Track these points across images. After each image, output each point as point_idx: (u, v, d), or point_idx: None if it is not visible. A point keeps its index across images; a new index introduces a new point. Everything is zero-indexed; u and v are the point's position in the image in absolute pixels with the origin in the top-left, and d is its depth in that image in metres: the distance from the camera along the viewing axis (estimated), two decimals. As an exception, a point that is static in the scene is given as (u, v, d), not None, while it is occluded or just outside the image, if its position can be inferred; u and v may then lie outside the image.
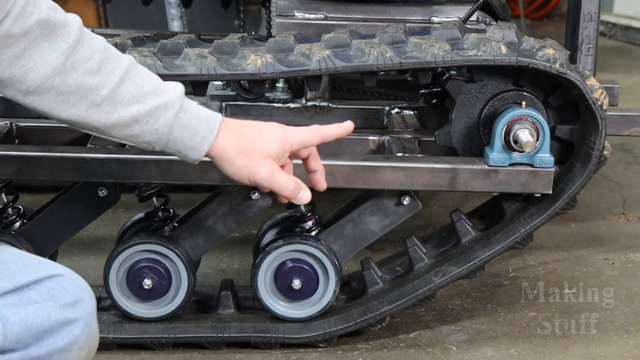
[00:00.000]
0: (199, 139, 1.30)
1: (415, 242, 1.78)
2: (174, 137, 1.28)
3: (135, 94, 1.26)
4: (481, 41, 1.60)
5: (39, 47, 1.18)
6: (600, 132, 1.64)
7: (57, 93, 1.21)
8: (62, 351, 1.08)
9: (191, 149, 1.30)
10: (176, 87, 1.30)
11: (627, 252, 2.23)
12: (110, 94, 1.23)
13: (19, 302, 1.07)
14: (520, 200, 1.78)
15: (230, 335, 1.72)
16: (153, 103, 1.27)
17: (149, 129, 1.28)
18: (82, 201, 1.73)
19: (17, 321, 1.06)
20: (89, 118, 1.23)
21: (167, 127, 1.28)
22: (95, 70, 1.23)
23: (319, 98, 1.95)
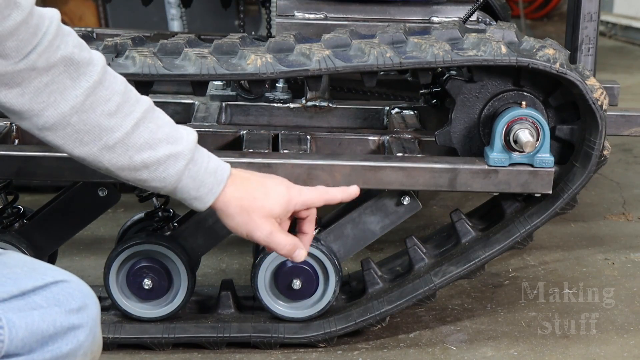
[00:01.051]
0: (205, 191, 1.31)
1: (415, 242, 1.78)
2: (181, 186, 1.29)
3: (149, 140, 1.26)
4: (481, 41, 1.60)
5: (61, 83, 1.19)
6: (600, 132, 1.64)
7: (72, 131, 1.22)
8: (66, 357, 1.09)
9: (196, 199, 1.31)
10: (189, 137, 1.31)
11: (627, 252, 2.23)
12: (124, 138, 1.24)
13: (24, 306, 1.08)
14: (520, 200, 1.78)
15: (230, 335, 1.72)
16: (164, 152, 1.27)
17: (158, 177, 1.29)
18: (82, 201, 1.73)
19: (23, 326, 1.06)
20: (100, 158, 1.25)
21: (176, 177, 1.29)
22: (113, 112, 1.24)
23: (319, 98, 1.95)
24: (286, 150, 1.71)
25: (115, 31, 2.21)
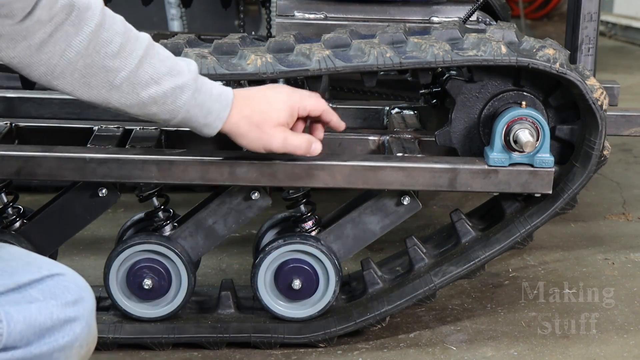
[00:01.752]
0: (212, 118, 1.38)
1: (415, 242, 1.78)
2: (189, 116, 1.36)
3: (153, 76, 1.31)
4: (481, 41, 1.60)
5: (64, 31, 1.22)
6: (600, 132, 1.64)
7: (80, 76, 1.25)
8: (62, 349, 1.09)
9: (205, 126, 1.38)
10: (190, 67, 1.37)
11: (627, 252, 2.23)
12: (129, 76, 1.28)
13: (21, 300, 1.09)
14: (520, 200, 1.78)
15: (230, 335, 1.72)
16: (170, 84, 1.33)
17: (167, 109, 1.35)
18: (82, 201, 1.73)
19: (21, 319, 1.07)
20: (109, 99, 1.29)
21: (184, 108, 1.35)
22: (116, 53, 1.28)
23: (319, 98, 1.94)
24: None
25: (115, 31, 2.20)
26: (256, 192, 1.68)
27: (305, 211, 1.75)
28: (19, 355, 1.07)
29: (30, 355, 1.07)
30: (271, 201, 1.70)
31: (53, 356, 1.09)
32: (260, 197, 1.69)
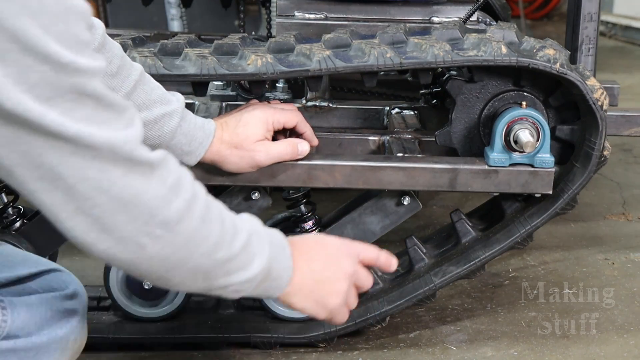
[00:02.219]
0: (196, 145, 1.44)
1: (415, 242, 1.78)
2: (174, 143, 1.40)
3: (145, 101, 1.36)
4: (481, 41, 1.60)
5: None
6: (600, 132, 1.64)
7: None
8: (60, 341, 1.12)
9: (188, 154, 1.44)
10: (179, 98, 1.42)
11: (627, 252, 2.23)
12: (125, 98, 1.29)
13: (22, 291, 1.12)
14: (521, 200, 1.78)
15: (230, 335, 1.72)
16: (159, 111, 1.38)
17: (154, 135, 1.39)
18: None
19: (23, 308, 1.10)
20: None
21: (170, 134, 1.40)
22: (114, 74, 1.31)
23: (319, 98, 1.94)
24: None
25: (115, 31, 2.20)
26: (256, 192, 1.68)
27: (305, 211, 1.74)
28: (21, 344, 1.10)
29: (30, 344, 1.10)
30: (271, 201, 1.70)
31: (51, 347, 1.12)
32: (261, 197, 1.69)
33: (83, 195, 0.94)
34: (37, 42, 0.86)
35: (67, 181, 0.93)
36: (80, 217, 0.96)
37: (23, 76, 0.87)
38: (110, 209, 0.96)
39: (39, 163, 0.91)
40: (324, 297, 1.25)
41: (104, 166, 0.94)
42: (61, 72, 0.88)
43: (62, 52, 0.88)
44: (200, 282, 1.09)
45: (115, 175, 0.95)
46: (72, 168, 0.92)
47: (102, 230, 0.98)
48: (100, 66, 0.93)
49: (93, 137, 0.92)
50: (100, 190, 0.95)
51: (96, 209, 0.96)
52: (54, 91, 0.88)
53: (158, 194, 1.00)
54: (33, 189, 0.93)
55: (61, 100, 0.89)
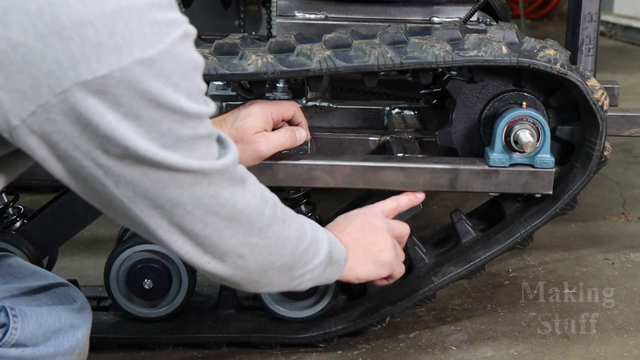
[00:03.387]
0: None
1: (415, 242, 1.77)
2: None
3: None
4: (482, 41, 1.60)
5: None
6: (600, 132, 1.64)
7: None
8: (65, 353, 1.14)
9: None
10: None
11: (627, 252, 2.23)
12: None
13: (32, 302, 1.15)
14: (521, 200, 1.78)
15: (230, 335, 1.72)
16: None
17: None
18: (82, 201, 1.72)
19: (33, 318, 1.13)
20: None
21: None
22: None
23: (320, 98, 1.94)
24: (286, 150, 1.71)
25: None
26: None
27: (305, 211, 1.74)
28: (28, 354, 1.12)
29: (37, 354, 1.13)
30: None
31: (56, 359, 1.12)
32: None
33: (197, 218, 1.07)
34: (169, 99, 0.98)
35: (185, 208, 1.06)
36: (190, 237, 1.09)
37: (154, 128, 0.99)
38: (218, 228, 1.10)
39: (161, 195, 1.04)
40: (379, 256, 1.43)
41: (216, 191, 1.07)
42: (186, 121, 1.01)
43: (189, 104, 1.00)
44: (283, 277, 1.23)
45: (224, 197, 1.09)
46: (190, 197, 1.05)
47: (209, 246, 1.11)
48: (212, 110, 1.05)
49: (212, 168, 1.06)
50: (212, 212, 1.08)
51: (207, 229, 1.09)
52: (178, 139, 1.01)
53: (255, 206, 1.13)
54: (150, 214, 1.05)
55: (184, 145, 1.02)
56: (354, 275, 1.40)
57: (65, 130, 0.96)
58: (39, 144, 0.98)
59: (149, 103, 0.97)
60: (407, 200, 1.58)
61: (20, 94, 0.94)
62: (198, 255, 1.11)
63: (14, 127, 0.96)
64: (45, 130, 0.96)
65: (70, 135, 0.97)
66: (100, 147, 0.98)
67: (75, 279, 1.79)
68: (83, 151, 0.98)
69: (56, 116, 0.95)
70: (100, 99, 0.95)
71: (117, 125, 0.96)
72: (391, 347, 1.75)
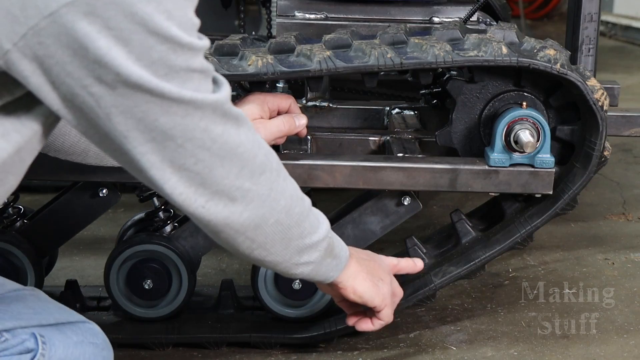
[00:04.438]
0: None
1: (415, 243, 1.77)
2: None
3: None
4: (482, 42, 1.60)
5: None
6: (600, 132, 1.65)
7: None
8: None
9: None
10: None
11: (627, 252, 2.23)
12: None
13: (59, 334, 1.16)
14: (521, 200, 1.78)
15: (230, 335, 1.72)
16: None
17: None
18: (82, 201, 1.73)
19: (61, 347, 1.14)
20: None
21: None
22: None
23: (320, 98, 1.94)
24: (286, 150, 1.71)
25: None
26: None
27: None
28: None
29: None
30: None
31: None
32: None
33: (189, 153, 1.05)
34: (161, 26, 0.97)
35: (177, 141, 1.04)
36: (182, 174, 1.06)
37: (145, 55, 0.98)
38: (210, 165, 1.07)
39: (153, 127, 1.02)
40: (378, 283, 1.39)
41: (208, 126, 1.06)
42: (178, 51, 1.00)
43: (181, 34, 0.99)
44: (278, 245, 1.19)
45: (216, 132, 1.06)
46: (182, 129, 1.03)
47: (201, 184, 1.08)
48: (206, 45, 1.04)
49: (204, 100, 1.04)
50: (204, 147, 1.06)
51: (198, 165, 1.07)
52: (170, 68, 1.00)
53: (247, 147, 1.11)
54: (143, 150, 1.04)
55: (176, 76, 1.01)
56: (352, 285, 1.35)
57: (56, 54, 0.96)
58: (32, 69, 0.97)
59: (140, 28, 0.96)
60: (406, 264, 1.52)
61: (11, 17, 0.95)
62: (191, 197, 1.08)
63: (6, 51, 0.96)
64: (38, 54, 0.96)
65: (62, 61, 0.96)
66: (92, 74, 0.97)
67: (75, 279, 1.80)
68: (75, 78, 0.97)
69: (47, 39, 0.95)
70: (90, 21, 0.94)
71: (107, 50, 0.95)
72: (391, 347, 1.75)
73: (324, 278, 1.31)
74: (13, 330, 1.12)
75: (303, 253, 1.23)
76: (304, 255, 1.23)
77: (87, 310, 1.76)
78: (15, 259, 1.71)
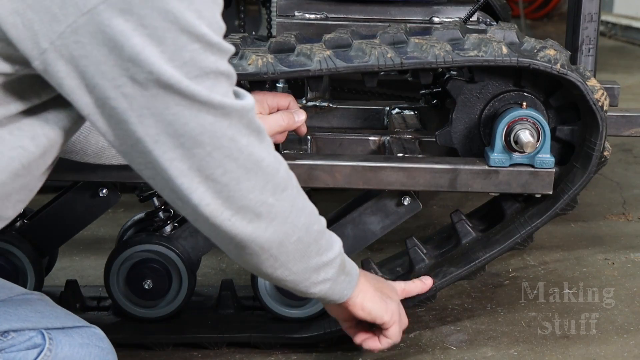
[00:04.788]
0: None
1: (415, 243, 1.77)
2: None
3: None
4: (482, 42, 1.60)
5: None
6: (600, 133, 1.65)
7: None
8: None
9: None
10: None
11: (627, 252, 2.23)
12: None
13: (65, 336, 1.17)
14: (521, 201, 1.78)
15: (230, 335, 1.72)
16: None
17: None
18: (82, 201, 1.73)
19: (67, 346, 1.15)
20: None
21: None
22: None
23: (320, 98, 1.95)
24: (286, 150, 1.71)
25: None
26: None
27: None
28: None
29: None
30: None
31: None
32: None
33: (217, 162, 1.06)
34: (192, 24, 0.99)
35: (205, 149, 1.04)
36: (210, 184, 1.07)
37: (177, 55, 0.99)
38: (237, 177, 1.08)
39: (183, 131, 1.02)
40: (386, 300, 1.41)
41: (235, 135, 1.06)
42: (208, 52, 1.01)
43: (211, 33, 1.01)
44: (299, 263, 1.20)
45: (242, 143, 1.07)
46: (211, 136, 1.04)
47: (228, 197, 1.08)
48: (232, 49, 1.05)
49: (232, 106, 1.05)
50: (231, 158, 1.07)
51: (226, 176, 1.07)
52: (200, 70, 1.01)
53: (270, 161, 1.12)
54: (172, 157, 1.04)
55: (206, 78, 1.02)
56: (361, 302, 1.37)
57: (92, 53, 0.96)
58: (68, 71, 0.98)
59: (172, 26, 0.97)
60: (415, 286, 1.61)
61: (50, 15, 0.95)
62: (218, 208, 1.08)
63: (44, 51, 0.96)
64: (74, 54, 0.96)
65: (97, 60, 0.97)
66: (125, 74, 0.98)
67: (75, 279, 1.79)
68: (109, 78, 0.98)
69: (83, 38, 0.96)
70: (126, 19, 0.95)
71: (142, 48, 0.96)
72: (391, 347, 1.74)
73: (339, 297, 1.32)
74: (20, 331, 1.13)
75: (321, 270, 1.25)
76: (321, 272, 1.25)
77: (87, 310, 1.76)
78: (15, 259, 1.71)
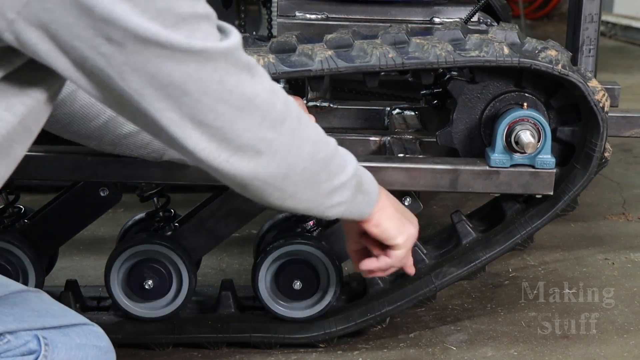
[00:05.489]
0: None
1: (415, 243, 1.77)
2: None
3: None
4: (483, 42, 1.60)
5: None
6: (601, 134, 1.65)
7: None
8: None
9: None
10: None
11: (627, 252, 2.23)
12: None
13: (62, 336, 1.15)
14: (521, 201, 1.78)
15: (230, 335, 1.72)
16: None
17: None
18: (82, 201, 1.73)
19: (63, 350, 1.14)
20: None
21: None
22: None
23: (320, 98, 1.95)
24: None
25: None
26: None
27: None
28: None
29: None
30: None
31: None
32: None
33: (207, 107, 1.03)
34: None
35: (193, 96, 1.02)
36: (203, 129, 1.04)
37: (149, 6, 0.96)
38: (230, 118, 1.05)
39: (167, 82, 1.00)
40: (403, 222, 1.34)
41: (222, 77, 1.03)
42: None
43: None
44: (309, 190, 1.17)
45: (231, 83, 1.04)
46: (197, 83, 1.01)
47: (223, 139, 1.06)
48: None
49: (215, 49, 1.01)
50: (221, 100, 1.04)
51: (219, 120, 1.05)
52: (177, 16, 0.98)
53: (264, 97, 1.08)
54: (160, 107, 1.02)
55: (183, 24, 0.99)
56: (378, 219, 1.30)
57: (62, 18, 0.95)
58: (39, 37, 0.96)
59: None
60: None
61: None
62: (214, 151, 1.06)
63: (12, 21, 0.95)
64: (43, 20, 0.95)
65: (68, 23, 0.95)
66: (100, 34, 0.96)
67: (75, 279, 1.79)
68: (84, 40, 0.96)
69: (50, 3, 0.94)
70: None
71: (112, 6, 0.95)
72: (391, 347, 1.75)
73: (358, 215, 1.28)
74: (16, 333, 1.12)
75: (334, 195, 1.20)
76: (334, 196, 1.21)
77: (87, 310, 1.76)
78: (15, 258, 1.70)
